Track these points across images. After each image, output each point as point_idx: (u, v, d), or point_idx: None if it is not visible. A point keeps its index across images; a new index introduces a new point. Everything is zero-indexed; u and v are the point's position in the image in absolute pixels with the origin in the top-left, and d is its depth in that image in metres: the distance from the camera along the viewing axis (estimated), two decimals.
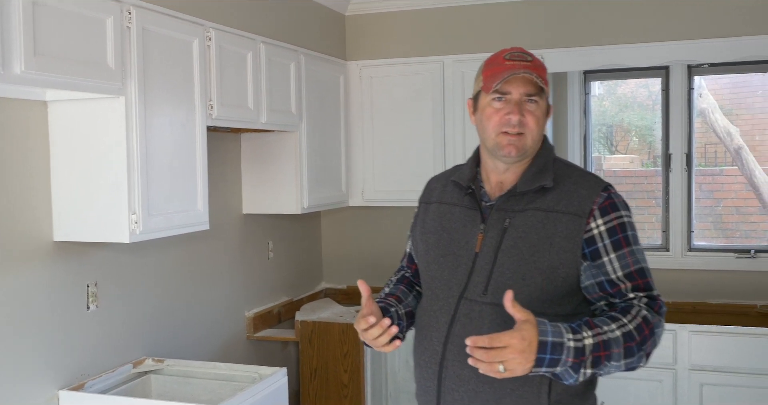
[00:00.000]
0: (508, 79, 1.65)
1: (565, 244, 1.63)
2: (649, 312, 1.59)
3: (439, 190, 1.88)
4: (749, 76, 4.28)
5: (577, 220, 1.64)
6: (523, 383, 1.60)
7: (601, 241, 1.63)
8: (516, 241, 1.65)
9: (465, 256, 1.71)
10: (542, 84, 1.66)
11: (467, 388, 1.65)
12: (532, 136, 1.69)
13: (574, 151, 4.33)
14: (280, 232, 4.11)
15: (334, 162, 4.06)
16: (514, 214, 1.68)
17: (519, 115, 1.66)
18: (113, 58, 2.39)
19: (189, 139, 2.79)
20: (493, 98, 1.69)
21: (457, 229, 1.75)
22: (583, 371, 1.49)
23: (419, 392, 1.79)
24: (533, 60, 1.69)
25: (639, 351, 1.55)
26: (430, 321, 1.74)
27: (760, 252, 4.06)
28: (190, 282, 3.34)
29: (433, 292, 1.77)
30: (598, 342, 1.50)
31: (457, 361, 1.66)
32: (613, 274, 1.63)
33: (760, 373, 3.46)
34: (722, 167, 4.37)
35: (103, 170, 2.50)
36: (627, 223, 1.66)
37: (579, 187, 1.69)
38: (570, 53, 3.92)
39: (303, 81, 3.67)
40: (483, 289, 1.66)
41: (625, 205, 1.69)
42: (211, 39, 2.92)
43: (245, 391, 2.63)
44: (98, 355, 2.78)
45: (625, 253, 1.63)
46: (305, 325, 3.86)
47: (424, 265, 1.82)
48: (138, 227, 2.50)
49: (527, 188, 1.70)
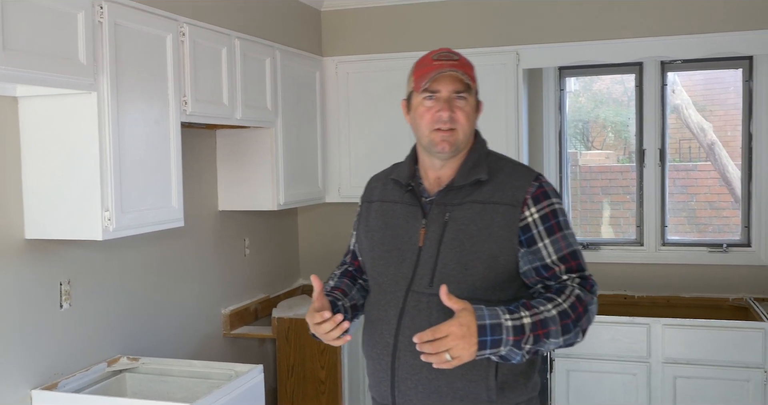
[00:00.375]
0: (436, 77, 1.75)
1: (503, 233, 1.73)
2: (582, 291, 1.70)
3: (379, 189, 1.96)
4: (722, 72, 4.33)
5: (513, 210, 1.74)
6: (472, 368, 1.70)
7: (536, 227, 1.74)
8: (457, 234, 1.75)
9: (409, 250, 1.80)
10: (469, 81, 1.76)
11: (420, 376, 1.74)
12: (464, 131, 1.79)
13: (550, 147, 4.35)
14: (256, 228, 4.09)
15: (311, 158, 4.05)
16: (453, 208, 1.78)
17: (449, 111, 1.76)
18: (85, 54, 2.36)
19: (163, 136, 2.77)
20: (424, 97, 1.79)
21: (400, 225, 1.84)
22: (526, 348, 1.60)
23: (373, 384, 1.87)
24: (460, 59, 1.80)
25: (575, 327, 1.66)
26: (380, 314, 1.82)
27: (731, 246, 4.11)
28: (166, 279, 3.32)
29: (380, 286, 1.84)
30: (535, 321, 1.61)
31: (408, 351, 1.74)
32: (548, 258, 1.73)
33: (732, 366, 3.51)
34: (696, 162, 4.42)
35: (76, 167, 2.47)
36: (558, 209, 1.77)
37: (512, 178, 1.80)
38: (544, 49, 3.94)
39: (279, 77, 3.65)
40: (429, 281, 1.75)
41: (555, 193, 1.80)
42: (185, 34, 2.90)
43: (221, 389, 2.61)
44: (72, 354, 2.75)
45: (558, 237, 1.74)
46: (282, 321, 3.85)
47: (370, 262, 1.90)
48: (111, 224, 2.47)
49: (464, 182, 1.79)
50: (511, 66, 3.94)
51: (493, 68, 3.97)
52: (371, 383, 1.87)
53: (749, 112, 4.07)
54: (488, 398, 1.73)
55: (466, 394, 1.73)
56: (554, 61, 4.00)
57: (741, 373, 3.50)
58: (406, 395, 1.77)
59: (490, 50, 3.99)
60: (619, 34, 3.86)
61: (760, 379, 3.47)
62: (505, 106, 3.96)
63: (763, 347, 3.47)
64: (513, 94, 3.94)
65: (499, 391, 1.74)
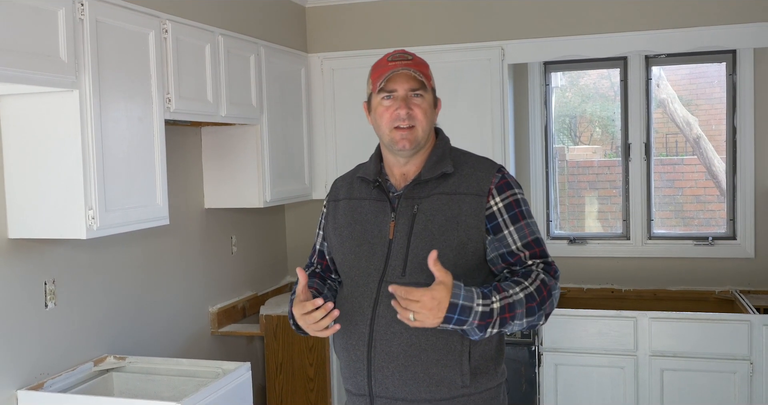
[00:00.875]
0: (390, 76, 1.82)
1: (471, 221, 1.81)
2: (546, 276, 1.77)
3: (345, 188, 2.01)
4: (707, 66, 4.35)
5: (478, 200, 1.82)
6: (447, 353, 1.78)
7: (501, 216, 1.82)
8: (426, 224, 1.82)
9: (379, 243, 1.86)
10: (423, 78, 1.83)
11: (396, 363, 1.80)
12: (423, 128, 1.85)
13: (535, 142, 4.36)
14: (243, 226, 4.08)
15: (297, 155, 4.04)
16: (421, 200, 1.85)
17: (406, 108, 1.83)
18: (66, 51, 2.35)
19: (147, 133, 2.75)
20: (382, 97, 1.86)
21: (369, 220, 1.90)
22: (489, 330, 1.67)
23: (348, 375, 1.90)
24: (414, 58, 1.87)
25: (539, 311, 1.73)
26: (353, 306, 1.86)
27: (717, 239, 4.13)
28: (152, 278, 3.30)
29: (353, 280, 1.89)
30: (504, 305, 1.67)
31: (384, 339, 1.80)
32: (513, 245, 1.81)
33: (719, 358, 3.53)
34: (683, 156, 4.44)
35: (58, 165, 2.45)
36: (521, 199, 1.86)
37: (476, 170, 1.88)
38: (529, 45, 3.95)
39: (263, 74, 3.64)
40: (401, 271, 1.81)
41: (517, 184, 1.89)
42: (168, 31, 2.88)
43: (208, 387, 2.61)
44: (58, 353, 2.74)
45: (522, 225, 1.82)
46: (270, 319, 3.85)
47: (340, 258, 1.94)
48: (95, 223, 2.46)
49: (431, 176, 1.86)
50: (496, 61, 3.95)
51: (479, 64, 3.97)
52: (346, 375, 1.91)
53: (733, 106, 4.09)
54: (462, 383, 1.80)
55: (441, 379, 1.79)
56: (539, 56, 4.01)
57: (727, 365, 3.52)
58: (382, 383, 1.82)
59: (475, 46, 4.00)
60: (603, 28, 3.87)
61: (746, 370, 3.49)
62: (491, 101, 3.96)
63: (748, 339, 3.49)
64: (498, 89, 3.95)
65: (472, 376, 1.81)
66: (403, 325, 1.76)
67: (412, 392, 1.80)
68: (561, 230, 4.47)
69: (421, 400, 1.80)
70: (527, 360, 3.77)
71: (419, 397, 1.80)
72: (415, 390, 1.80)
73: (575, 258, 4.31)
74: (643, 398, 3.63)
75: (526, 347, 3.77)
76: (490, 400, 1.86)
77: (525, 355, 3.77)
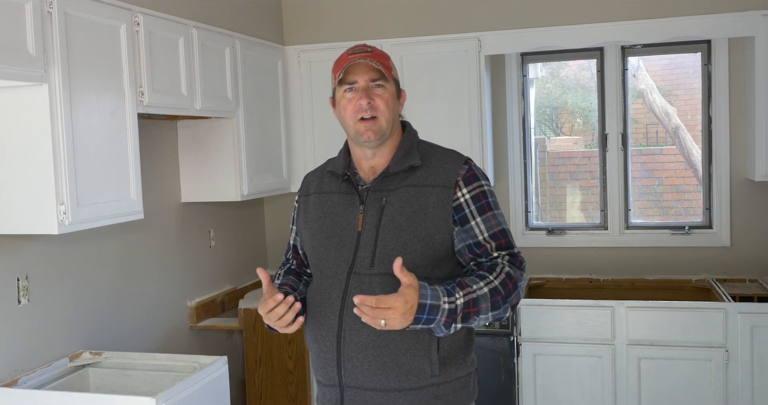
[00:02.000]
0: (348, 68, 1.85)
1: (438, 212, 1.83)
2: (512, 268, 1.80)
3: (316, 182, 2.03)
4: (685, 56, 4.37)
5: (446, 191, 1.84)
6: (415, 343, 1.80)
7: (468, 207, 1.84)
8: (394, 216, 1.84)
9: (348, 236, 1.87)
10: (380, 68, 1.84)
11: (366, 353, 1.81)
12: (386, 118, 1.87)
13: (514, 134, 4.36)
14: (221, 220, 4.06)
15: (275, 148, 4.03)
16: (389, 193, 1.87)
17: (367, 98, 1.84)
18: (34, 45, 2.32)
19: (119, 127, 2.73)
20: (344, 90, 1.88)
21: (338, 213, 1.92)
22: (453, 326, 1.70)
23: (318, 366, 1.92)
24: (373, 50, 1.89)
25: (504, 303, 1.76)
26: (323, 298, 1.88)
27: (693, 228, 4.17)
28: (128, 272, 3.28)
29: (322, 272, 1.90)
30: (468, 300, 1.70)
31: (353, 330, 1.82)
32: (480, 236, 1.83)
33: (695, 346, 3.56)
34: (662, 146, 4.46)
35: (29, 160, 2.43)
36: (487, 191, 1.88)
37: (443, 162, 1.90)
38: (506, 36, 3.95)
39: (239, 66, 3.62)
40: (370, 263, 1.82)
41: (484, 176, 1.91)
42: (140, 24, 2.86)
43: (185, 381, 2.60)
44: (32, 350, 2.72)
45: (489, 216, 1.85)
46: (248, 312, 3.84)
47: (311, 250, 1.96)
48: (67, 218, 2.44)
49: (399, 168, 1.88)
50: (473, 53, 3.95)
51: (455, 55, 3.97)
52: (316, 366, 1.93)
53: (709, 96, 4.12)
54: (431, 372, 1.82)
55: (410, 368, 1.81)
56: (515, 47, 4.01)
57: (703, 352, 3.56)
58: (352, 373, 1.84)
59: (452, 37, 3.99)
60: (579, 19, 3.88)
61: (722, 358, 3.53)
62: (468, 92, 3.96)
63: (723, 327, 3.52)
64: (475, 80, 3.95)
65: (441, 366, 1.83)
66: None
67: (381, 382, 1.82)
68: (541, 221, 4.49)
69: (390, 390, 1.82)
70: (506, 350, 3.79)
71: (389, 387, 1.82)
72: (384, 380, 1.81)
73: (553, 248, 4.33)
74: (621, 387, 3.66)
75: (505, 337, 3.78)
76: (460, 390, 1.88)
77: (504, 345, 3.79)
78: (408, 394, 1.82)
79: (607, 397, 3.68)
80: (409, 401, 1.82)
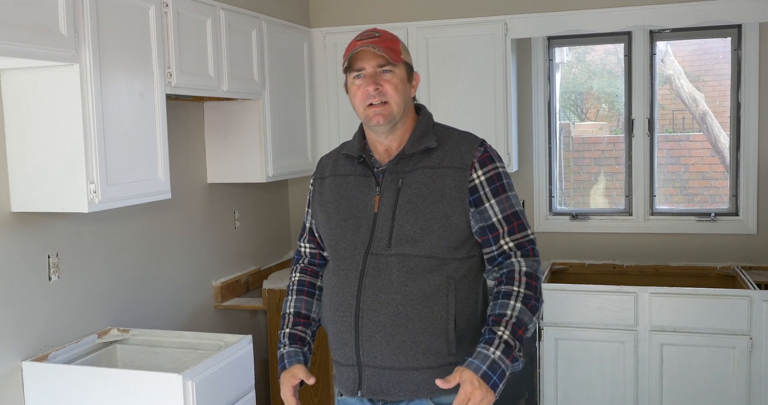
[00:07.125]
0: (354, 55, 1.86)
1: (455, 193, 1.85)
2: (527, 264, 1.83)
3: (331, 165, 2.05)
4: (714, 41, 4.31)
5: (462, 173, 1.87)
6: (433, 321, 1.82)
7: (482, 189, 1.86)
8: (411, 197, 1.86)
9: (365, 217, 1.90)
10: (385, 55, 1.83)
11: (384, 332, 1.83)
12: (396, 102, 1.87)
13: (539, 118, 4.34)
14: (246, 201, 4.10)
15: (300, 130, 4.04)
16: (406, 175, 1.89)
17: (374, 85, 1.86)
18: (66, 25, 2.35)
19: (148, 108, 2.76)
20: (353, 77, 1.90)
21: (355, 195, 1.94)
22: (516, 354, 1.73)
23: (336, 346, 1.92)
24: (381, 35, 1.89)
25: (538, 301, 1.81)
26: (340, 279, 1.90)
27: (719, 215, 4.13)
28: (155, 251, 3.33)
29: (339, 253, 1.93)
30: (512, 329, 1.74)
31: (371, 309, 1.84)
32: (494, 218, 1.86)
33: (718, 333, 3.55)
34: (689, 133, 4.42)
35: (60, 140, 2.47)
36: (502, 172, 1.90)
37: (459, 144, 1.91)
38: (533, 19, 3.92)
39: (265, 48, 3.63)
40: (387, 243, 1.85)
41: (498, 157, 1.93)
42: (168, 5, 2.87)
43: (210, 359, 2.64)
44: (62, 325, 2.78)
45: (502, 198, 1.87)
46: (272, 293, 3.88)
47: (327, 232, 1.98)
48: (97, 197, 2.48)
49: (414, 150, 1.90)
50: (500, 36, 3.93)
51: (482, 38, 3.95)
52: (334, 346, 1.94)
53: (738, 82, 4.07)
54: (449, 351, 1.84)
55: (428, 347, 1.83)
56: (542, 31, 3.98)
57: (727, 340, 3.54)
58: (370, 353, 1.85)
59: (478, 20, 3.97)
60: (607, 3, 3.84)
61: (746, 345, 3.51)
62: (494, 76, 3.95)
63: (748, 314, 3.50)
64: (501, 64, 3.93)
65: (458, 344, 1.84)
66: (389, 294, 1.82)
67: (399, 361, 1.83)
68: (564, 206, 4.48)
69: (408, 368, 1.84)
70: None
71: (407, 366, 1.83)
72: (402, 358, 1.83)
73: (577, 233, 4.32)
74: (643, 373, 3.66)
75: None
76: None
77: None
78: (426, 372, 1.83)
79: (629, 383, 3.68)
80: (426, 380, 1.83)
